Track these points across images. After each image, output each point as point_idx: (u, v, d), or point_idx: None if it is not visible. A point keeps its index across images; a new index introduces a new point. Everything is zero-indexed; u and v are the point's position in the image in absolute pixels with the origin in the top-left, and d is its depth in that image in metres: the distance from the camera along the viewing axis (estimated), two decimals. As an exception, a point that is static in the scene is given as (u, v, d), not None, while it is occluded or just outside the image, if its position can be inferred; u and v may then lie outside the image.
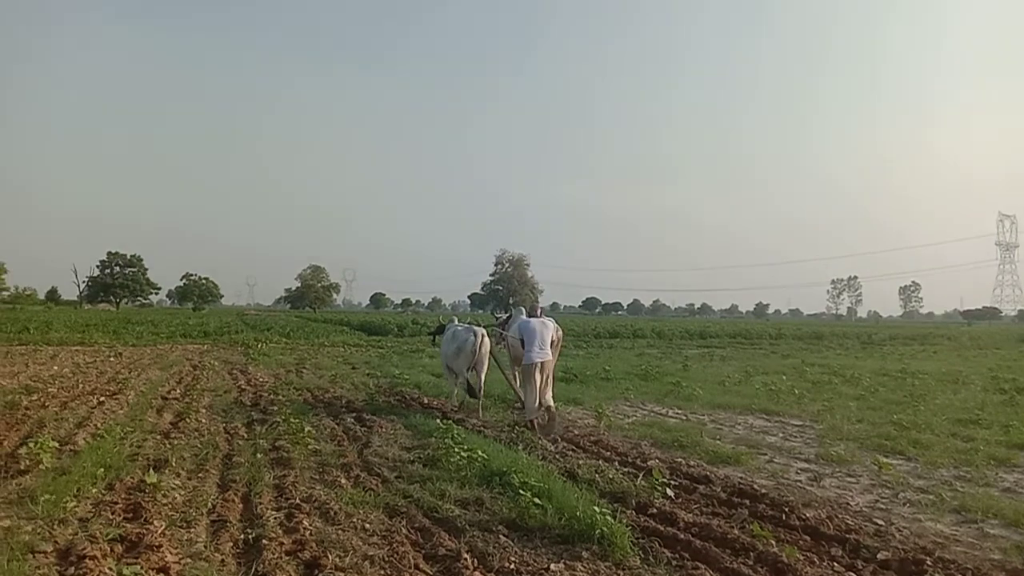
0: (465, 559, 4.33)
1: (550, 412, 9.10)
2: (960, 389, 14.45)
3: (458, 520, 5.17)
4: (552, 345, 9.53)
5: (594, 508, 4.96)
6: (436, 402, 11.36)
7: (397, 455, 7.39)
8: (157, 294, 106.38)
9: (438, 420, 8.70)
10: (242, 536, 4.72)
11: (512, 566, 4.31)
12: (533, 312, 10.54)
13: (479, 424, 9.31)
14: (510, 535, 4.90)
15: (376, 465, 6.89)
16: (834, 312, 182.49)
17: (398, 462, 7.06)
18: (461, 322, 11.10)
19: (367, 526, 5.01)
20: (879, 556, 4.60)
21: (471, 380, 10.22)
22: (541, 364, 9.15)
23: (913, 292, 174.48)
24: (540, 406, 9.07)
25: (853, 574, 4.41)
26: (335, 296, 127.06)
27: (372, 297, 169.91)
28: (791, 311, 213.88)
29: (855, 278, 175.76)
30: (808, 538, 4.98)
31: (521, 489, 5.45)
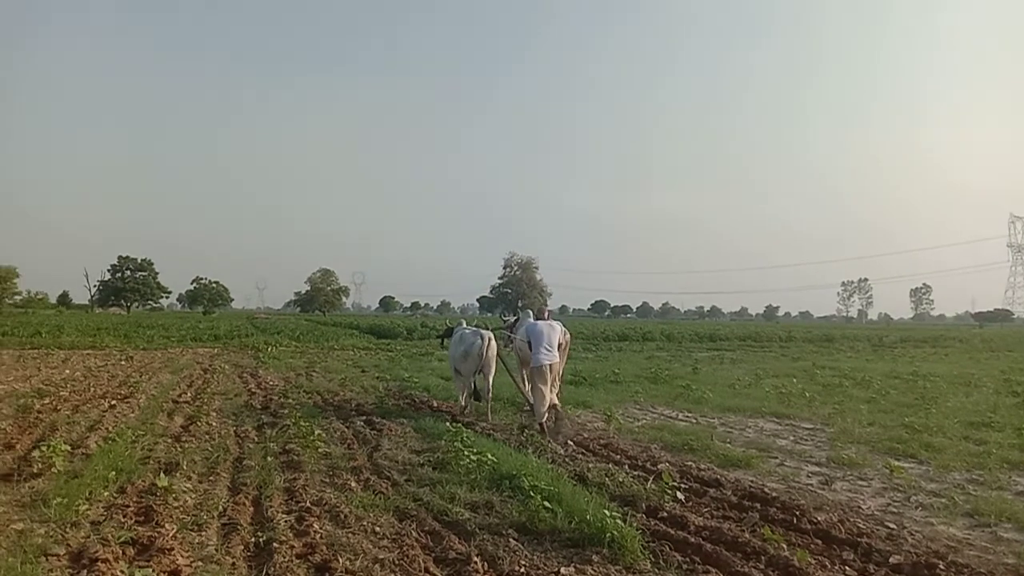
0: (475, 562, 4.33)
1: (557, 412, 9.10)
2: (972, 392, 14.35)
3: (468, 523, 5.18)
4: (560, 348, 9.53)
5: (604, 512, 4.95)
6: (445, 405, 11.37)
7: (407, 458, 7.40)
8: (167, 298, 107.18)
9: (447, 423, 8.70)
10: (253, 539, 4.73)
11: (522, 570, 4.31)
12: (540, 315, 10.56)
13: (488, 427, 9.32)
14: (520, 538, 4.90)
15: (386, 468, 6.91)
16: (844, 314, 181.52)
17: (408, 465, 7.07)
18: (469, 325, 11.11)
19: (377, 529, 5.02)
20: (891, 560, 4.57)
21: (478, 383, 10.22)
22: (549, 366, 9.17)
23: (924, 294, 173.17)
24: (548, 408, 9.07)
25: (865, 578, 4.38)
26: (344, 299, 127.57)
27: (381, 300, 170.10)
28: (801, 313, 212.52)
29: (865, 280, 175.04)
30: (819, 542, 4.96)
31: (531, 492, 5.45)
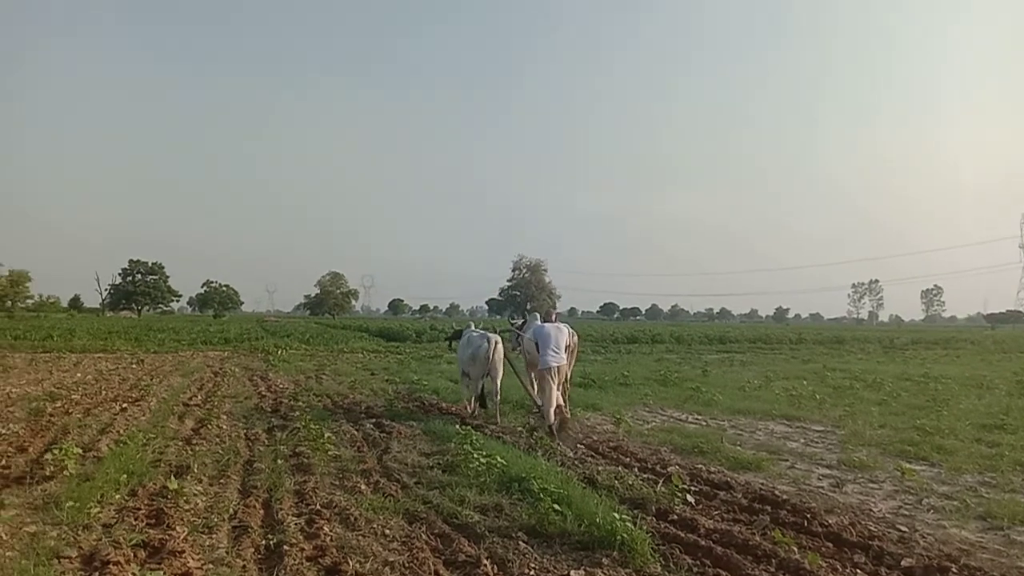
0: (485, 565, 4.33)
1: (561, 412, 9.10)
2: (984, 394, 14.23)
3: (477, 526, 5.18)
4: (567, 350, 9.54)
5: (614, 514, 4.93)
6: (455, 408, 11.38)
7: (416, 461, 7.41)
8: (178, 301, 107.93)
9: (457, 426, 8.72)
10: (263, 542, 4.75)
11: (532, 573, 4.31)
12: (548, 318, 10.55)
13: (497, 430, 9.31)
14: (530, 541, 4.90)
15: (395, 471, 6.92)
16: (855, 316, 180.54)
17: (417, 468, 7.08)
18: (478, 328, 11.12)
19: (387, 532, 5.02)
20: (903, 563, 4.54)
21: (487, 386, 10.22)
22: (556, 368, 9.18)
23: (935, 296, 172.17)
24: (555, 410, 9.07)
25: (877, 582, 4.35)
26: (354, 302, 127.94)
27: (390, 303, 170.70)
28: (811, 315, 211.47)
29: (876, 282, 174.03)
30: (831, 545, 4.93)
31: (540, 495, 5.45)
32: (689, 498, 5.93)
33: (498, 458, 6.64)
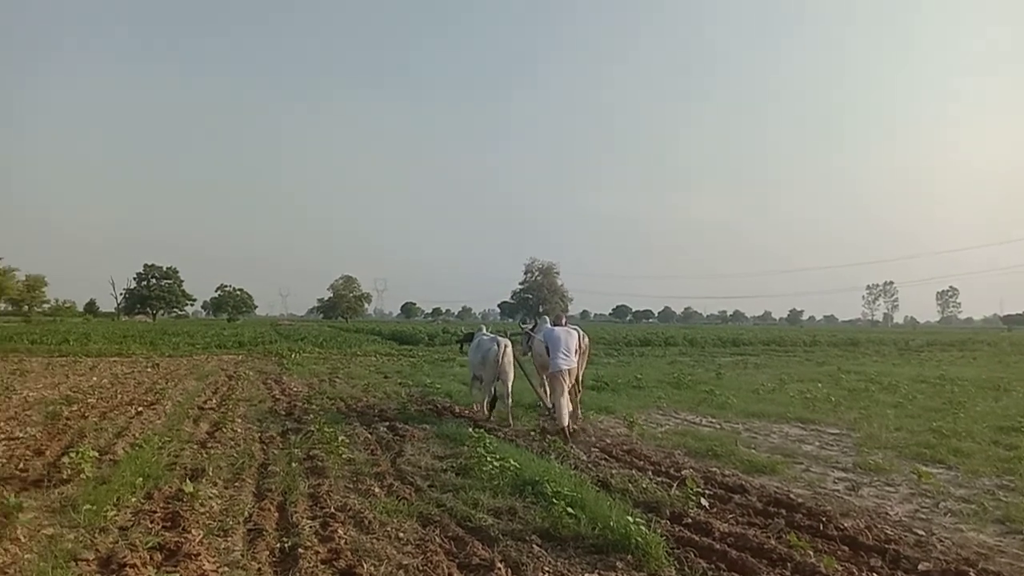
0: (499, 568, 4.33)
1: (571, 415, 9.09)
2: (1001, 396, 14.08)
3: (491, 529, 5.18)
4: (578, 353, 9.55)
5: (628, 518, 4.93)
6: (468, 411, 11.39)
7: (430, 464, 7.42)
8: (192, 305, 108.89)
9: (470, 429, 8.72)
10: (278, 545, 4.78)
11: (546, 576, 4.30)
12: (558, 321, 10.57)
13: (511, 433, 9.31)
14: (543, 544, 4.89)
15: (409, 474, 6.93)
16: (870, 318, 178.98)
17: (431, 471, 7.10)
18: (489, 331, 11.13)
19: (401, 535, 5.04)
20: (920, 567, 4.50)
21: (498, 389, 10.22)
22: (567, 371, 9.20)
23: (951, 297, 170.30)
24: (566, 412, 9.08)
25: (894, 586, 4.32)
26: (367, 306, 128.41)
27: (403, 306, 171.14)
28: (826, 317, 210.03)
29: (891, 283, 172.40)
30: (846, 548, 4.89)
31: (554, 498, 5.45)
32: (703, 501, 5.92)
33: (511, 461, 6.64)
